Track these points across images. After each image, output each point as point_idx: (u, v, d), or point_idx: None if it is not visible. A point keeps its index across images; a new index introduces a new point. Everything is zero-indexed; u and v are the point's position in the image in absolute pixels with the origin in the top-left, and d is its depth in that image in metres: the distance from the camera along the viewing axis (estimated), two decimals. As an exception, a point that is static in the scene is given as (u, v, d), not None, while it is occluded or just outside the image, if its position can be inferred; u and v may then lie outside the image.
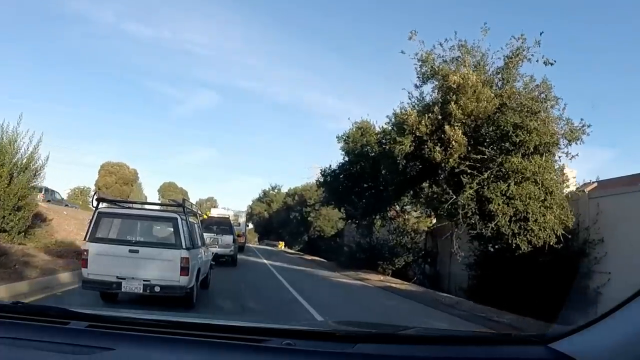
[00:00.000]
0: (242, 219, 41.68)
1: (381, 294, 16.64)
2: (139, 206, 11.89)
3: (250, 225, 69.87)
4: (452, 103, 15.42)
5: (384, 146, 24.29)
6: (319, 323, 5.45)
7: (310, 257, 38.63)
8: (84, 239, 8.90)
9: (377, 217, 26.54)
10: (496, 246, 14.58)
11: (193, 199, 74.95)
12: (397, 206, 26.14)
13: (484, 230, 14.32)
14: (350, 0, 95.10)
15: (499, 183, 14.21)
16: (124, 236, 8.95)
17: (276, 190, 73.48)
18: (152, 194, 76.45)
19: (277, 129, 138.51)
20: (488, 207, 14.05)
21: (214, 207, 53.24)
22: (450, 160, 14.90)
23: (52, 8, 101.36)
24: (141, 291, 8.32)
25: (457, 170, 15.00)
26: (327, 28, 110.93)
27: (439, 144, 15.09)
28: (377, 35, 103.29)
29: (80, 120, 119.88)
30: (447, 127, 14.88)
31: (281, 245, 60.91)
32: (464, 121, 15.35)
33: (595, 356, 1.42)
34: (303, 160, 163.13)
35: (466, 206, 14.37)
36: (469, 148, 15.19)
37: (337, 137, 27.61)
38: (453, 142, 14.62)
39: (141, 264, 8.39)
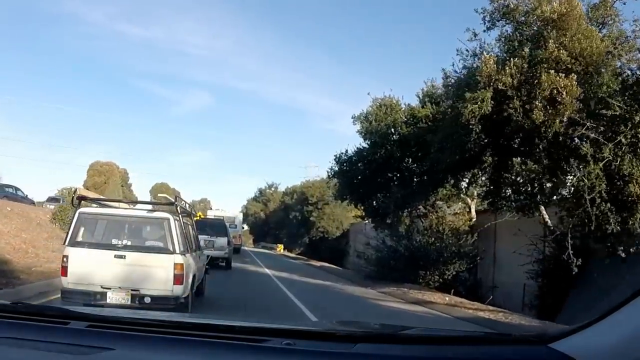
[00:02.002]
0: (239, 220, 40.72)
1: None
2: (127, 206, 10.85)
3: (246, 227, 65.06)
4: (551, 41, 10.62)
5: (415, 123, 20.00)
6: (319, 323, 5.05)
7: (318, 264, 33.34)
8: (63, 243, 7.83)
9: (406, 213, 21.80)
10: (631, 249, 9.67)
11: (186, 200, 69.93)
12: (431, 199, 21.30)
13: (615, 225, 9.40)
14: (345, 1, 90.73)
15: (638, 152, 9.34)
16: (109, 240, 8.01)
17: (273, 189, 68.65)
18: (144, 195, 71.08)
19: (272, 129, 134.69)
20: (627, 189, 9.15)
21: (209, 208, 49.05)
22: (556, 122, 10.03)
23: (45, 8, 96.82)
24: (129, 302, 7.52)
25: (566, 136, 10.12)
26: (321, 29, 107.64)
27: (538, 100, 10.22)
28: (374, 36, 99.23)
29: (72, 121, 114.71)
30: (551, 73, 10.01)
31: (280, 248, 55.65)
32: (569, 66, 10.53)
33: (595, 356, 1.36)
34: (297, 161, 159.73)
35: (594, 188, 9.39)
36: (581, 105, 10.35)
37: (352, 117, 22.92)
38: (563, 94, 9.74)
39: (129, 271, 7.65)
